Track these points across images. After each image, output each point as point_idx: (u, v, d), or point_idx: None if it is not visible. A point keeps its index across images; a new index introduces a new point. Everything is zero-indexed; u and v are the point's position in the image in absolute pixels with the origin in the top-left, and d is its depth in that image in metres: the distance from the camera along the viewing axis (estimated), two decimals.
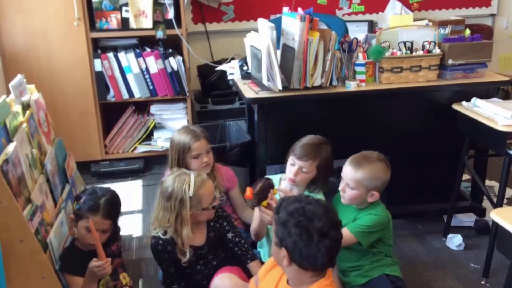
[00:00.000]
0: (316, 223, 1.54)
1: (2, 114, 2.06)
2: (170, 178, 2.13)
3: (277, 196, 2.20)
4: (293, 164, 2.28)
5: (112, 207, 2.15)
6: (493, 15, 4.50)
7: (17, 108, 2.26)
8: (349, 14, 4.32)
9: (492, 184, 3.32)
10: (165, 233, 2.12)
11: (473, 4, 4.44)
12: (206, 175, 2.22)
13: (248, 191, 2.16)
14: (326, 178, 2.35)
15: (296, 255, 1.55)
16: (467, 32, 3.11)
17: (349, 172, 2.14)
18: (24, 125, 2.20)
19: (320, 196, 2.35)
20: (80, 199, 2.12)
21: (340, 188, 2.20)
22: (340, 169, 2.23)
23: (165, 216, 2.10)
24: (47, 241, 2.03)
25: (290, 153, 2.31)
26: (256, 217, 2.29)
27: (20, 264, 1.88)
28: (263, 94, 2.61)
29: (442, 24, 3.18)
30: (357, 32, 3.44)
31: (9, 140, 2.04)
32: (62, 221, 2.21)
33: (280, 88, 2.54)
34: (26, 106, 2.36)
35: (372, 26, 4.06)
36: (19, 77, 2.41)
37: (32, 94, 2.51)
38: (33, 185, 2.09)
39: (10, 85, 2.29)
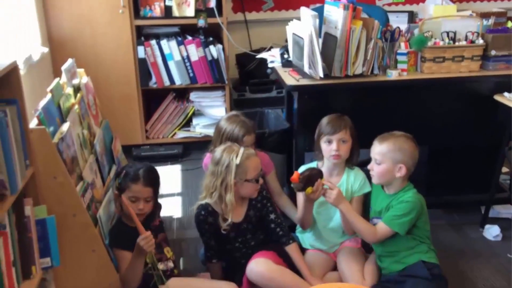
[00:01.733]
0: None
1: (56, 95, 2.16)
2: (221, 148, 2.25)
3: (326, 186, 2.25)
4: (330, 142, 2.34)
5: (151, 175, 2.23)
6: None
7: (69, 90, 2.36)
8: (389, 4, 4.31)
9: None
10: (210, 200, 2.21)
11: None
12: (254, 151, 2.29)
13: (295, 173, 2.22)
14: (357, 148, 2.41)
15: None
16: (509, 24, 3.08)
17: (375, 147, 2.22)
18: (76, 106, 2.30)
19: (360, 172, 2.41)
20: (120, 175, 2.21)
21: (368, 167, 2.25)
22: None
23: (211, 181, 2.22)
24: (97, 216, 2.13)
25: (320, 136, 2.37)
26: (301, 205, 2.35)
27: (72, 237, 1.98)
28: (304, 82, 2.64)
29: (484, 16, 3.15)
30: (397, 22, 3.43)
31: (63, 120, 2.14)
32: (110, 199, 2.31)
33: (322, 75, 2.57)
34: (76, 89, 2.46)
35: (412, 17, 4.04)
36: (70, 61, 2.51)
37: (82, 77, 2.61)
38: (84, 163, 2.19)
39: (62, 68, 2.39)
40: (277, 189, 2.75)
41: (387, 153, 2.17)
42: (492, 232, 2.74)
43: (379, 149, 2.20)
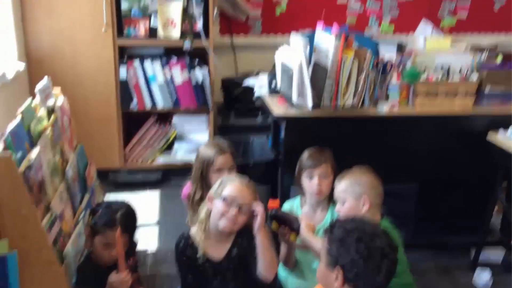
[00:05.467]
0: (378, 242, 1.48)
1: (27, 118, 2.00)
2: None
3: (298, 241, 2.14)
4: (311, 177, 2.24)
5: (128, 221, 2.09)
6: None
7: (42, 112, 2.21)
8: (378, 34, 4.23)
9: None
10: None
11: (505, 30, 4.34)
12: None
13: (276, 202, 2.12)
14: None
15: (352, 274, 1.47)
16: (499, 58, 3.01)
17: (336, 187, 2.13)
18: (48, 130, 2.15)
19: None
20: (96, 214, 2.05)
21: (336, 210, 2.15)
22: None
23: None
24: (64, 252, 1.96)
25: (301, 171, 2.28)
26: (284, 244, 2.22)
27: (35, 274, 1.80)
28: (292, 112, 2.53)
29: (475, 50, 3.09)
30: (386, 52, 3.35)
31: (32, 145, 1.98)
32: (80, 233, 2.14)
33: (311, 106, 2.46)
34: (51, 111, 2.30)
35: (401, 47, 3.97)
36: (45, 80, 2.36)
37: (58, 98, 2.45)
38: (53, 193, 2.02)
39: (36, 88, 2.24)
40: None
41: (347, 189, 2.08)
42: (482, 277, 2.61)
43: (339, 188, 2.11)
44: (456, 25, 4.30)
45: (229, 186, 2.02)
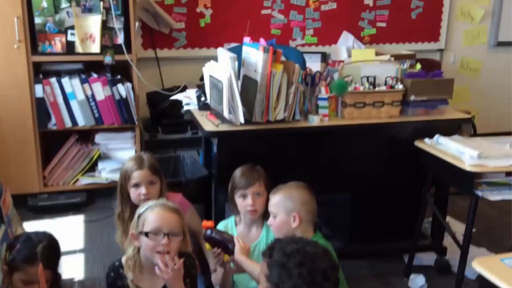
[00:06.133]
0: (320, 265, 1.44)
1: None
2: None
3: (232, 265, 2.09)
4: (244, 196, 2.21)
5: (51, 254, 1.93)
6: (441, 50, 4.61)
7: None
8: (302, 45, 4.27)
9: (447, 219, 3.29)
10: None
11: (422, 39, 4.53)
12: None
13: (211, 222, 2.07)
14: None
15: None
16: (418, 66, 3.12)
17: (270, 200, 2.11)
18: None
19: None
20: (14, 248, 1.87)
21: (268, 223, 2.13)
22: None
23: None
24: None
25: (234, 191, 2.24)
26: (219, 268, 2.14)
27: None
28: (224, 127, 2.47)
29: (396, 58, 3.18)
30: (310, 63, 3.38)
31: None
32: None
33: (242, 121, 2.41)
34: None
35: (325, 58, 4.04)
36: None
37: None
38: None
39: None
40: (197, 229, 2.34)
41: (279, 204, 2.06)
42: (417, 282, 2.66)
43: (272, 202, 2.09)
44: (375, 35, 4.41)
45: (149, 217, 1.87)
